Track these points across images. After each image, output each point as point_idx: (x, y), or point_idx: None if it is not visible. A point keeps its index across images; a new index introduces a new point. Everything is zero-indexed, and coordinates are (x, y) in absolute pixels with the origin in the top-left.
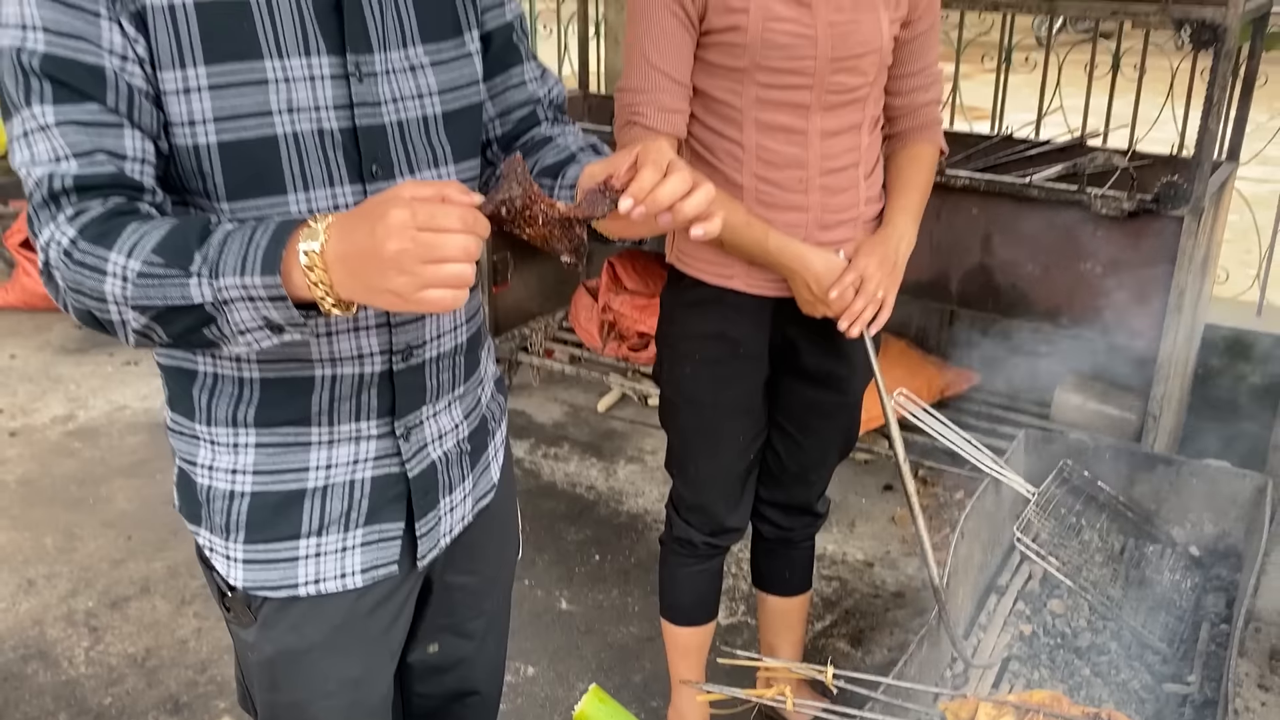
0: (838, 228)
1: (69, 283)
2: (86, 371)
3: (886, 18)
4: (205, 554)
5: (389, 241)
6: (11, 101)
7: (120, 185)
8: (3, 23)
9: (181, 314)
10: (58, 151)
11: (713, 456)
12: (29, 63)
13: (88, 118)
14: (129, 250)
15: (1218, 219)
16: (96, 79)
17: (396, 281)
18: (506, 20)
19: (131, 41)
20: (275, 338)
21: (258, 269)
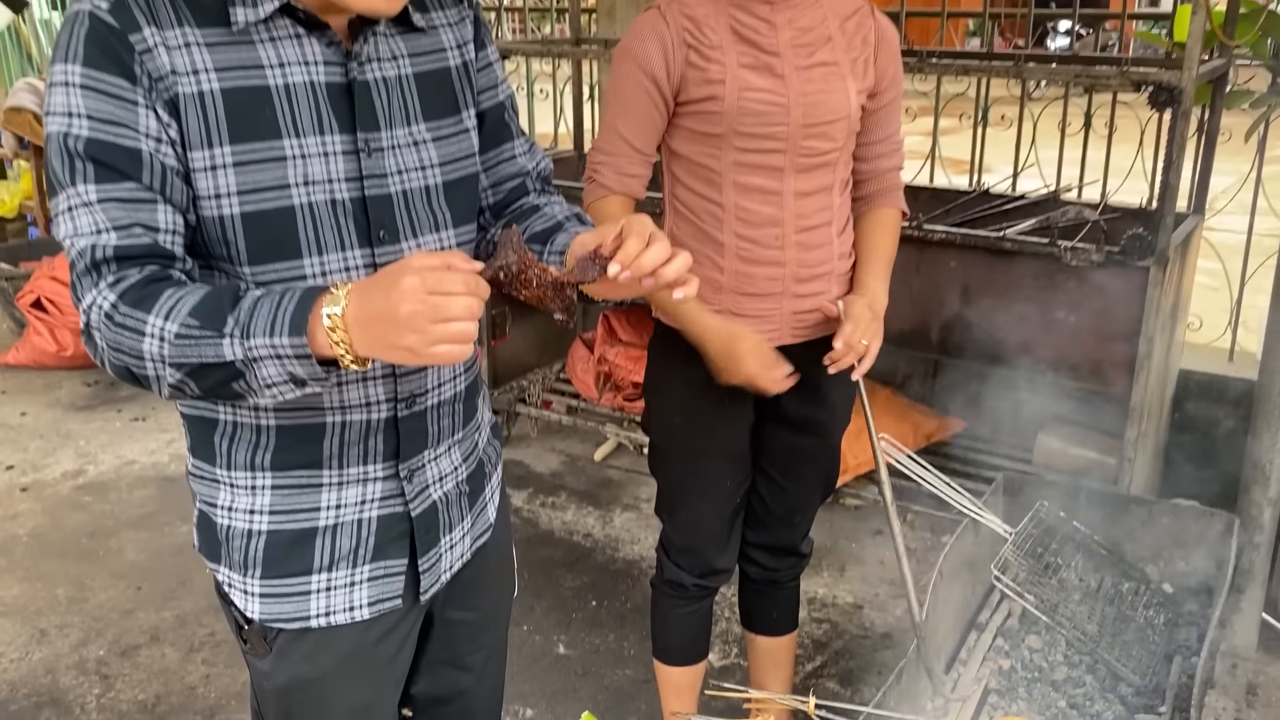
0: (813, 281)
1: (109, 342)
2: (95, 428)
3: (854, 88)
4: (224, 590)
5: (403, 305)
6: (58, 180)
7: (155, 255)
8: (52, 111)
9: (214, 370)
10: (99, 225)
11: (701, 501)
12: (74, 146)
13: (126, 195)
14: (166, 313)
15: (1185, 268)
16: (134, 160)
17: (410, 339)
18: (499, 100)
19: (165, 126)
20: (298, 390)
21: (286, 330)
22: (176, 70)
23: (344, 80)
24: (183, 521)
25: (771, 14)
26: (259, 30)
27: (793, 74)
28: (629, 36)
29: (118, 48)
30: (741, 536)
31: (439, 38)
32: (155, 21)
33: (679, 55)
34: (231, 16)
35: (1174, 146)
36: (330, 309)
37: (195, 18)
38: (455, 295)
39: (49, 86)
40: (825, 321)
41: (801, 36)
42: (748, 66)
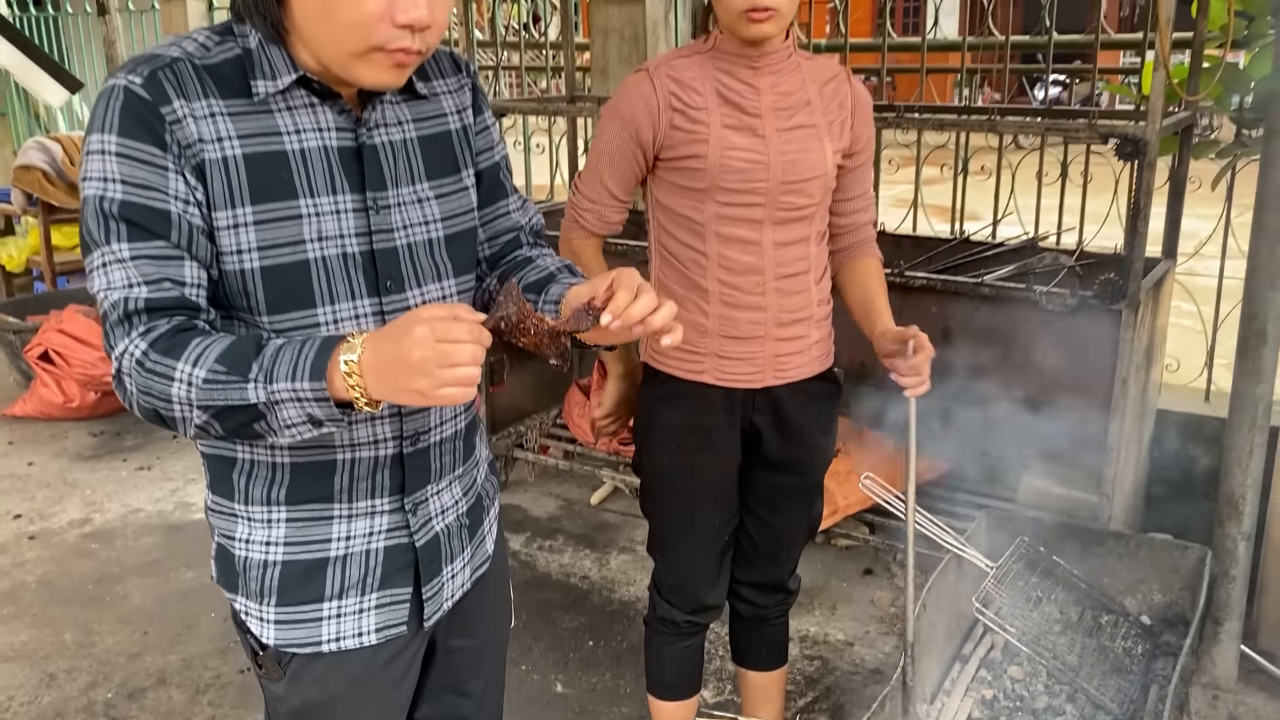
0: (794, 325)
1: (140, 387)
2: (101, 477)
3: (830, 148)
4: (241, 618)
5: (414, 351)
6: (93, 239)
7: (182, 307)
8: (89, 176)
9: (238, 412)
10: (131, 279)
11: (691, 539)
12: (109, 208)
13: (156, 252)
14: (194, 360)
15: (1159, 311)
16: (164, 221)
17: (420, 382)
18: (495, 161)
19: (192, 189)
20: (315, 430)
21: (306, 375)
22: (203, 138)
23: (354, 144)
24: (188, 567)
25: (754, 78)
26: (277, 100)
27: (773, 135)
28: (618, 96)
29: (150, 118)
30: (731, 574)
31: (440, 104)
32: (184, 94)
33: (664, 118)
34: (253, 88)
35: (1141, 195)
36: (347, 356)
37: (219, 90)
38: (461, 343)
39: (85, 154)
40: (807, 363)
41: (782, 100)
42: (731, 127)
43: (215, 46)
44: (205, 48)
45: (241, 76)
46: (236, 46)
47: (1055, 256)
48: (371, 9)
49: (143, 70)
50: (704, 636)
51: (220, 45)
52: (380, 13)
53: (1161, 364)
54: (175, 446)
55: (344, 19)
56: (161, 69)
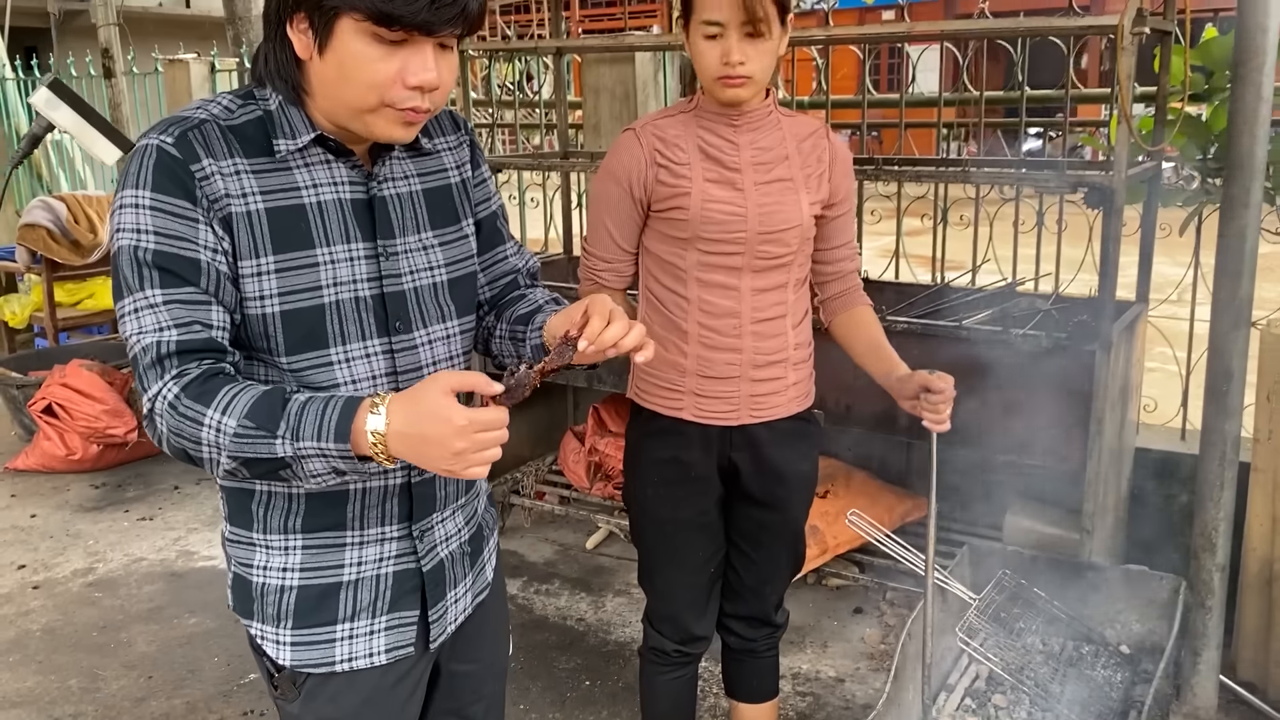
0: (769, 367)
1: (171, 429)
2: (104, 527)
3: (807, 200)
4: (257, 642)
5: (456, 441)
6: (127, 285)
7: (210, 349)
8: (122, 228)
9: (266, 463)
10: (162, 323)
11: (677, 569)
12: (143, 257)
13: (187, 297)
14: (223, 409)
15: (1132, 352)
16: (194, 268)
17: (452, 463)
18: (492, 210)
19: (219, 239)
20: (338, 479)
21: (331, 437)
22: (229, 193)
23: (365, 197)
24: (191, 613)
25: (734, 135)
26: (295, 157)
27: (751, 188)
28: (610, 157)
29: (181, 174)
30: (720, 608)
31: (442, 159)
32: (211, 153)
33: (650, 173)
34: (275, 147)
35: (1109, 241)
36: (375, 426)
37: (243, 149)
38: (495, 432)
39: (119, 208)
40: (784, 404)
41: (761, 155)
42: (712, 180)
43: (238, 109)
44: (229, 110)
45: (263, 136)
46: (258, 109)
47: (1032, 301)
48: (385, 72)
49: (174, 130)
50: (695, 669)
51: (243, 108)
52: (393, 76)
53: (1138, 403)
54: (177, 497)
55: (360, 80)
56: (190, 129)
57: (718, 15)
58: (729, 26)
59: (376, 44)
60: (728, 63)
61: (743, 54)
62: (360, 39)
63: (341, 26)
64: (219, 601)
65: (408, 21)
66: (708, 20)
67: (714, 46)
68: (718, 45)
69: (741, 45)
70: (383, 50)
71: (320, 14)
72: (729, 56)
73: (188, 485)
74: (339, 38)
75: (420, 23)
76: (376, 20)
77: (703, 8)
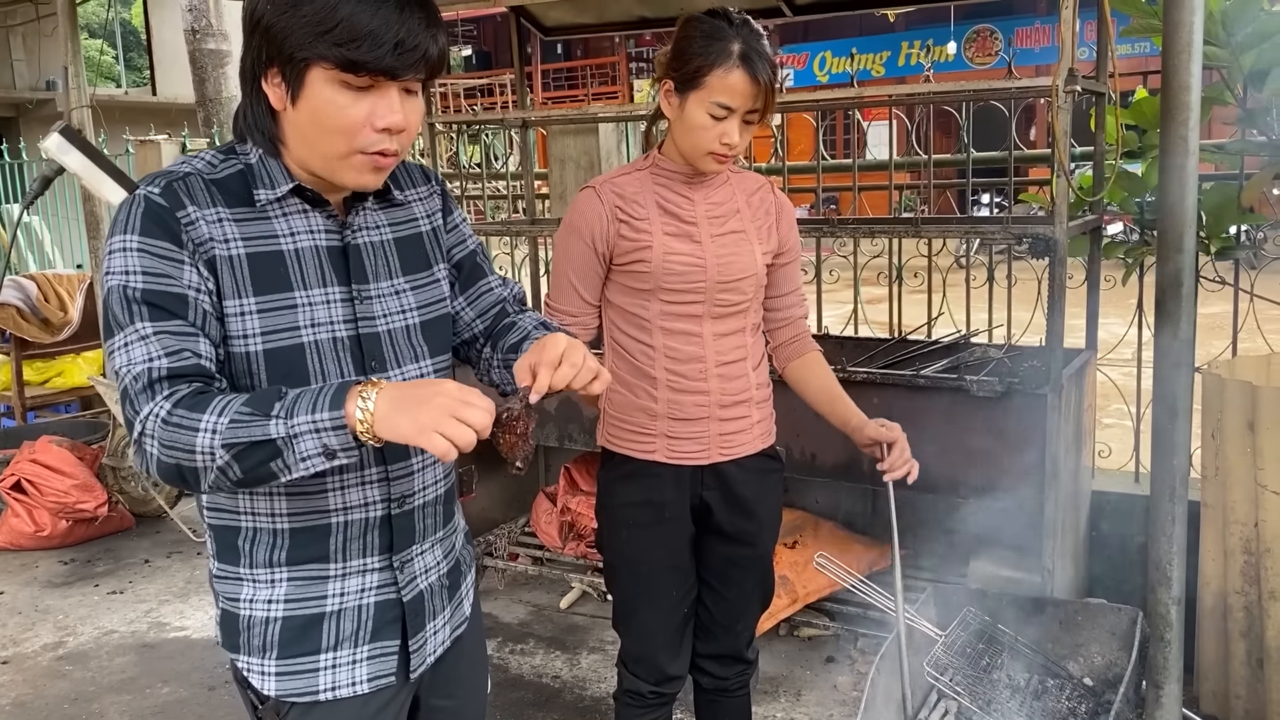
0: (735, 406)
1: (163, 442)
2: (74, 602)
3: (759, 249)
4: (243, 675)
5: (439, 397)
6: (116, 321)
7: (200, 374)
8: (111, 271)
9: (259, 449)
10: (153, 353)
11: (652, 609)
12: (133, 294)
13: (175, 329)
14: (219, 412)
15: (1084, 398)
16: (181, 303)
17: (427, 417)
18: (470, 249)
19: (204, 279)
20: (328, 463)
21: (326, 408)
22: (213, 239)
23: (340, 244)
24: (164, 684)
25: (689, 191)
26: (274, 207)
27: (708, 240)
28: (571, 214)
29: (168, 220)
30: (692, 648)
31: (412, 210)
32: (195, 202)
33: (613, 228)
34: (255, 197)
35: (1055, 288)
36: (366, 394)
37: (225, 200)
38: (476, 406)
39: (108, 254)
40: (750, 441)
41: (715, 209)
42: (670, 234)
43: (220, 164)
44: (212, 165)
45: (244, 188)
46: (239, 163)
47: (985, 350)
48: (355, 117)
49: (160, 182)
50: (670, 711)
51: (225, 163)
52: (362, 120)
53: (1093, 449)
54: (147, 570)
55: (331, 125)
56: (175, 181)
57: (732, 102)
58: (738, 111)
59: (345, 90)
60: (726, 143)
61: (738, 136)
62: (330, 87)
63: (312, 76)
64: (193, 671)
65: (373, 67)
66: (720, 103)
67: (716, 126)
68: (720, 126)
69: (740, 128)
70: (351, 96)
71: (291, 66)
72: (729, 138)
73: (158, 559)
74: (310, 87)
75: (385, 68)
76: (344, 68)
77: (718, 90)
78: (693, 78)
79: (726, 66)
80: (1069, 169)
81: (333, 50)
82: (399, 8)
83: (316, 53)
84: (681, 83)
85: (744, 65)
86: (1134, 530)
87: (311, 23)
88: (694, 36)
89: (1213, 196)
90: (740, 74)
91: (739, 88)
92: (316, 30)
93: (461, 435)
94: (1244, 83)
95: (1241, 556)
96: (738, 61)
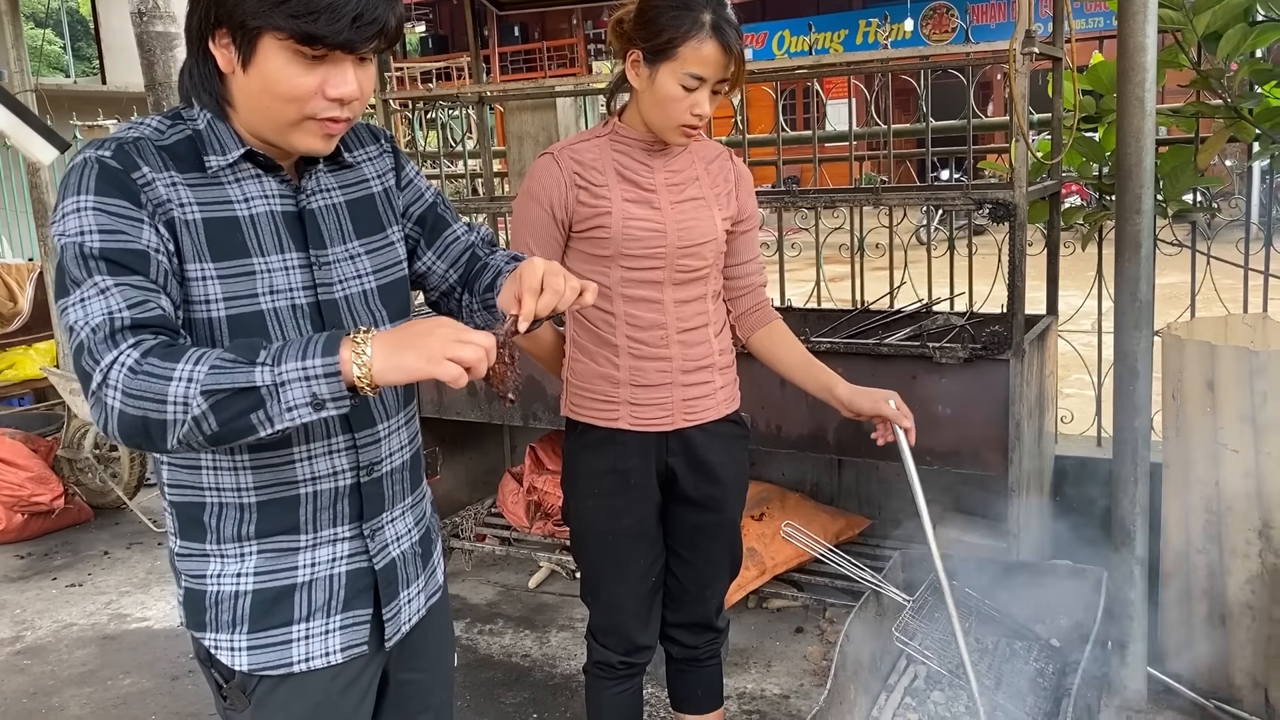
0: (698, 371)
1: (129, 391)
2: (31, 596)
3: (719, 215)
4: (211, 653)
5: (440, 328)
6: (72, 280)
7: (166, 326)
8: (65, 232)
9: (240, 397)
10: (114, 305)
11: (621, 580)
12: (89, 251)
13: (137, 283)
14: (195, 361)
15: (1045, 362)
16: (142, 259)
17: (432, 344)
18: (430, 202)
19: (165, 240)
20: (315, 414)
21: (319, 353)
22: (170, 200)
23: (295, 209)
24: (126, 675)
25: (648, 159)
26: (226, 173)
27: (668, 207)
28: (529, 180)
29: (124, 179)
30: (662, 618)
31: (363, 171)
32: (149, 164)
33: (571, 194)
34: (205, 163)
35: (1015, 252)
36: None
37: (176, 165)
38: (473, 334)
39: (60, 218)
40: (714, 406)
41: (674, 177)
42: (630, 200)
43: (168, 130)
44: (159, 130)
45: (194, 154)
46: (187, 129)
47: (948, 318)
48: (307, 86)
49: (109, 146)
50: (640, 682)
51: (172, 128)
52: (314, 89)
53: (1055, 414)
54: (107, 563)
55: (282, 93)
56: (126, 144)
57: (704, 72)
58: (708, 82)
59: (298, 60)
60: (697, 114)
61: (708, 106)
62: (283, 55)
63: (264, 44)
64: (155, 661)
65: (331, 41)
66: (693, 74)
67: (688, 97)
68: (690, 97)
69: (709, 99)
70: (304, 66)
71: (243, 33)
72: (699, 109)
73: (118, 550)
74: (262, 54)
75: (343, 41)
76: (301, 40)
77: (691, 61)
78: (664, 49)
79: (700, 37)
80: (1027, 134)
81: (289, 22)
82: None
83: (272, 23)
84: (652, 54)
85: (716, 35)
86: (1097, 493)
87: None
88: (663, 7)
89: (1169, 160)
90: (713, 44)
91: (712, 58)
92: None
93: (471, 354)
94: (1198, 45)
95: (1203, 515)
96: (710, 32)
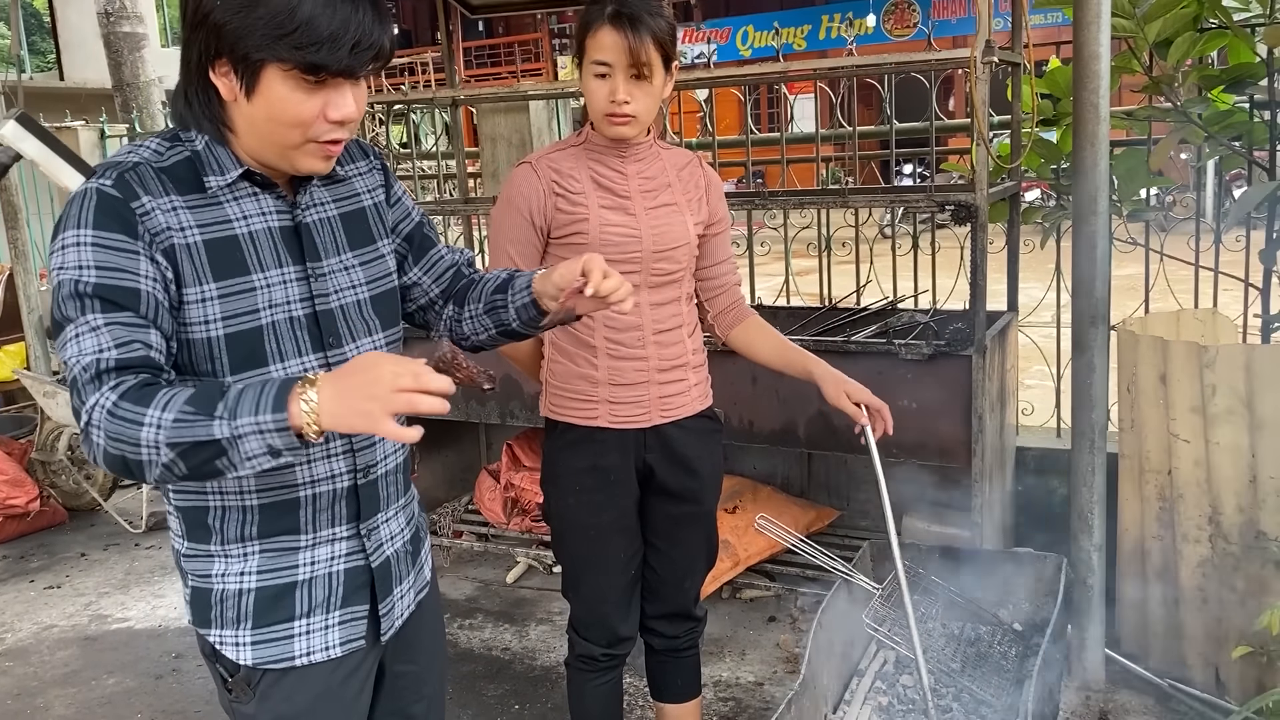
0: (672, 370)
1: (109, 434)
2: (9, 599)
3: (691, 220)
4: (216, 648)
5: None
6: (66, 316)
7: (148, 365)
8: (64, 266)
9: (203, 448)
10: (103, 344)
11: (601, 572)
12: (84, 289)
13: (126, 320)
14: (163, 406)
15: (1006, 356)
16: (133, 296)
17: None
18: (416, 221)
19: (162, 270)
20: (274, 461)
21: (269, 409)
22: (170, 227)
23: (292, 224)
24: (109, 674)
25: (622, 166)
26: (225, 193)
27: (642, 212)
28: (508, 188)
29: (122, 211)
30: (641, 610)
31: (353, 185)
32: (149, 191)
33: (550, 202)
34: (205, 184)
35: (977, 252)
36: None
37: (175, 188)
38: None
39: (60, 249)
40: (689, 403)
41: (647, 184)
42: (606, 207)
43: (167, 152)
44: (158, 153)
45: (193, 175)
46: (185, 150)
47: (912, 316)
48: (310, 111)
49: (110, 174)
50: (620, 674)
51: (171, 150)
52: (317, 112)
53: (1016, 407)
54: (84, 564)
55: (287, 119)
56: (126, 171)
57: (606, 57)
58: (616, 68)
59: (302, 87)
60: (614, 101)
61: (628, 94)
62: (286, 84)
63: (268, 74)
64: (138, 660)
65: (334, 69)
66: (597, 60)
67: (603, 85)
68: (606, 85)
69: (627, 86)
70: (307, 92)
71: (246, 64)
72: (615, 95)
73: (95, 552)
74: (265, 83)
75: (344, 69)
76: (304, 70)
77: (593, 49)
78: (580, 46)
79: (597, 25)
80: (988, 137)
81: (293, 54)
82: (353, 4)
83: (275, 55)
84: (577, 54)
85: (612, 22)
86: (1057, 483)
87: (270, 25)
88: (583, 10)
89: (1124, 161)
90: (608, 29)
91: (610, 44)
92: (276, 33)
93: (423, 403)
94: (1150, 52)
95: (1157, 503)
96: (607, 20)
